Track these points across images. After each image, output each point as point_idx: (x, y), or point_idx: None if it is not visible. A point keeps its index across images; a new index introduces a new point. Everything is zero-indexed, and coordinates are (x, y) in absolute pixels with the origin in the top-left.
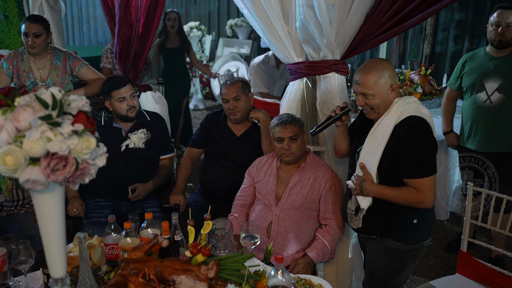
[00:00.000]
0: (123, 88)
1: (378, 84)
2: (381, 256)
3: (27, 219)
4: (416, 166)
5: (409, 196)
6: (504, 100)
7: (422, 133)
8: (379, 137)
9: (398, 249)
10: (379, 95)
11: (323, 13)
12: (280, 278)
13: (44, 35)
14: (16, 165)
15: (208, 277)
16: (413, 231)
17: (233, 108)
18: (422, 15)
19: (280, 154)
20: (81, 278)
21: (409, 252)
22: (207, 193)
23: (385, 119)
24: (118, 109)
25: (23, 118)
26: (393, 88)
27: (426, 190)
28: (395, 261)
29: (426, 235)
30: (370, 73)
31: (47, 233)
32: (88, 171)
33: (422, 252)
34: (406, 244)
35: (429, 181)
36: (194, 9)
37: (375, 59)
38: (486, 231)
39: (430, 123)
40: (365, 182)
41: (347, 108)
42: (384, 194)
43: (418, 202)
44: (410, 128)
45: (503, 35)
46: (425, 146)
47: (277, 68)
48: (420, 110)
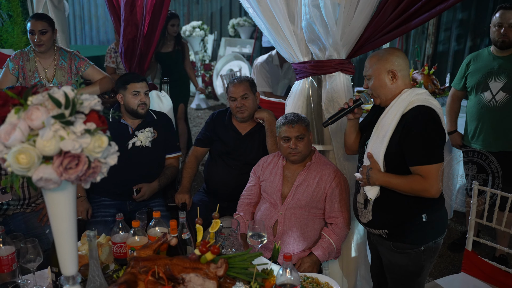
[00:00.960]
0: (139, 83)
1: (376, 67)
2: (398, 263)
3: (33, 218)
4: (423, 152)
5: (415, 184)
6: (509, 99)
7: (430, 121)
8: (386, 125)
9: (412, 252)
10: (377, 78)
11: (329, 13)
12: (288, 276)
13: (50, 32)
14: (29, 164)
15: (218, 275)
16: (423, 230)
17: (240, 106)
18: (428, 14)
19: (287, 153)
20: (90, 276)
21: (424, 252)
22: (212, 192)
23: (393, 108)
24: (130, 103)
25: (36, 117)
26: (394, 73)
27: (432, 177)
28: (413, 264)
29: (438, 232)
30: (373, 56)
31: (59, 231)
32: (100, 169)
33: (437, 249)
34: (419, 244)
35: (435, 169)
36: (196, 8)
37: (387, 47)
38: (490, 230)
39: (440, 114)
40: (371, 171)
41: (360, 100)
42: (390, 182)
43: (424, 190)
44: (418, 116)
45: (506, 36)
46: (432, 133)
47: (281, 68)
48: (429, 101)
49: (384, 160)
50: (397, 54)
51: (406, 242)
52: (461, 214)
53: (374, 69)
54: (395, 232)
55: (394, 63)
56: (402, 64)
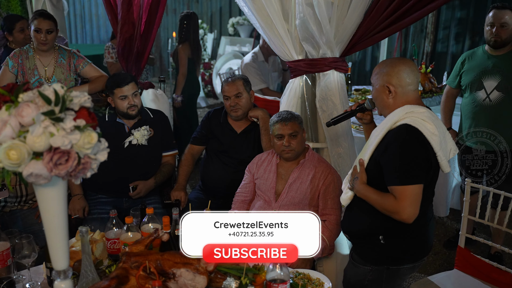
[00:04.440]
0: (125, 87)
1: (375, 77)
2: (347, 270)
3: (30, 215)
4: (397, 173)
5: (386, 204)
6: (503, 98)
7: (410, 138)
8: (372, 138)
9: (360, 267)
10: (375, 89)
11: (323, 11)
12: (278, 271)
13: (55, 32)
14: (19, 160)
15: (208, 270)
16: (377, 251)
17: (234, 105)
18: (420, 12)
19: (280, 151)
20: (83, 271)
21: (371, 273)
22: (208, 190)
23: (385, 120)
24: (119, 107)
25: (26, 114)
26: (389, 89)
27: (405, 200)
28: (356, 279)
29: (396, 260)
30: (379, 64)
31: (50, 226)
32: (90, 165)
33: (393, 277)
34: (368, 263)
35: (410, 190)
36: (196, 7)
37: (398, 58)
38: (486, 227)
39: (428, 137)
40: (356, 180)
41: (363, 105)
42: (367, 196)
43: (394, 212)
44: (398, 133)
45: (498, 36)
46: (410, 152)
47: (267, 62)
48: (423, 123)
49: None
50: (402, 69)
51: (357, 254)
52: (457, 212)
53: (374, 79)
54: (354, 242)
55: (393, 77)
56: (405, 80)
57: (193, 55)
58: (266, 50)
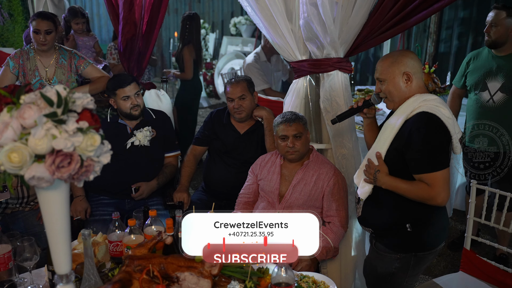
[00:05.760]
0: (127, 87)
1: (390, 70)
2: (372, 263)
3: (31, 217)
4: (426, 160)
5: (420, 192)
6: (507, 100)
7: (431, 125)
8: (389, 129)
9: (386, 256)
10: (391, 81)
11: (327, 11)
12: (283, 275)
13: (54, 32)
14: (21, 162)
15: (212, 274)
16: (404, 239)
17: (238, 107)
18: (426, 12)
19: (284, 152)
20: (85, 275)
21: (398, 261)
22: (211, 191)
23: (398, 111)
24: (122, 107)
25: (28, 116)
26: (408, 76)
27: (438, 185)
28: (383, 267)
29: (422, 246)
30: (386, 59)
31: (52, 229)
32: (93, 168)
33: (418, 264)
34: (395, 251)
35: (441, 175)
36: (198, 7)
37: (399, 50)
38: (491, 229)
39: (446, 122)
40: (379, 173)
41: (369, 101)
42: (396, 187)
43: (430, 198)
44: (419, 121)
45: (488, 35)
46: (434, 140)
47: (269, 61)
48: (437, 108)
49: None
50: (410, 56)
51: (383, 244)
52: (461, 213)
53: (388, 72)
54: (378, 233)
55: (408, 65)
56: (416, 66)
57: (196, 57)
58: (268, 50)
